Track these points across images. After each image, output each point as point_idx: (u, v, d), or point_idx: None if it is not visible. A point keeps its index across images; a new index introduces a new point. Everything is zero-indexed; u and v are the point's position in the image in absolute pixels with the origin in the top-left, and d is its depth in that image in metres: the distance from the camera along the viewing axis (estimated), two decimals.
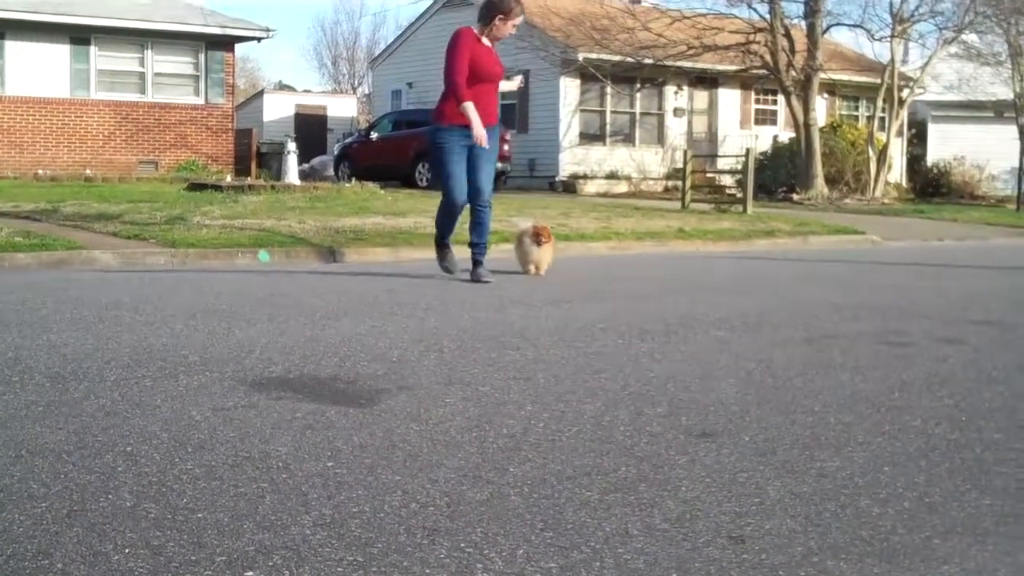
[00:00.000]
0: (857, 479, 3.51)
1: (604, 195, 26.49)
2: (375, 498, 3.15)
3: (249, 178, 23.42)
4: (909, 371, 5.44)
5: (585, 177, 28.49)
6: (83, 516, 2.92)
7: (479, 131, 8.44)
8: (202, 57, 26.65)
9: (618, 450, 3.72)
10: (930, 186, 32.85)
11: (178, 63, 26.61)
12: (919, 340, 6.46)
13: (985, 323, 7.06)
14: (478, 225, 8.88)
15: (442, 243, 9.09)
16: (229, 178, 22.13)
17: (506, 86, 9.27)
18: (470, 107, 8.46)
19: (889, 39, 28.95)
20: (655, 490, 3.32)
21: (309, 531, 2.87)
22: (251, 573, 2.57)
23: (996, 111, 33.86)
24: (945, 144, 34.56)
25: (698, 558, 2.78)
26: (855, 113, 34.61)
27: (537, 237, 9.21)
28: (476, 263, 8.88)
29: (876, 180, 28.52)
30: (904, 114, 30.69)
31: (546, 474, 3.41)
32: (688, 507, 3.18)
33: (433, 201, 18.43)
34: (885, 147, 28.88)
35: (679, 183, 22.74)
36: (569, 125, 29.05)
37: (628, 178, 29.25)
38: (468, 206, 8.84)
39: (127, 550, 2.69)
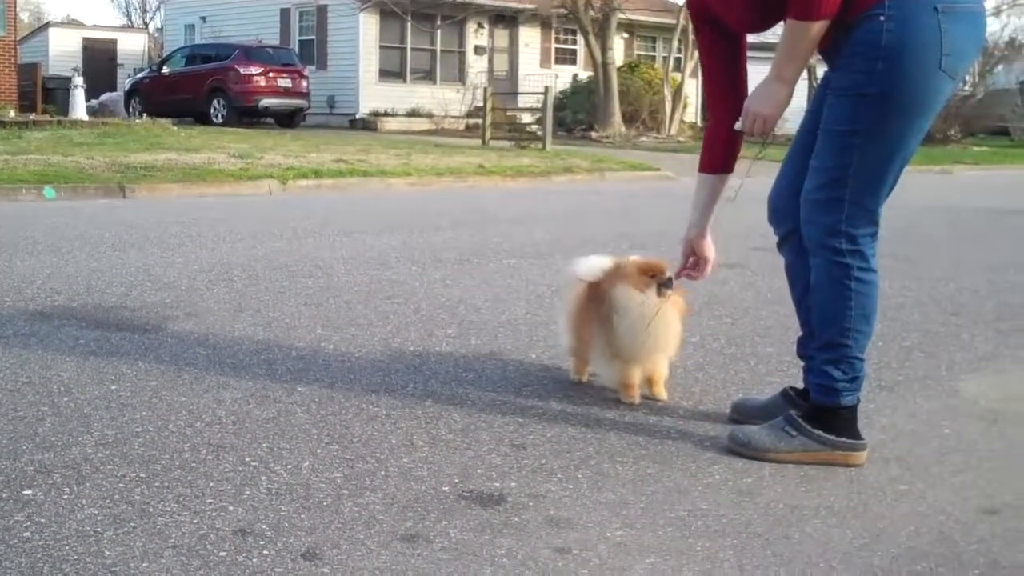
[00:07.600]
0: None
1: (405, 133, 26.35)
2: (159, 418, 3.13)
3: (34, 114, 22.44)
4: (690, 292, 5.64)
5: (386, 115, 28.29)
6: None
7: None
8: None
9: (407, 369, 3.78)
10: None
11: None
12: None
13: (763, 249, 7.33)
14: None
15: None
16: (13, 113, 21.14)
17: None
18: None
19: None
20: (441, 404, 3.39)
21: (91, 450, 2.83)
22: (30, 491, 2.53)
23: None
24: None
25: (480, 464, 2.87)
26: (652, 53, 35.28)
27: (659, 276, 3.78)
28: None
29: (671, 119, 29.18)
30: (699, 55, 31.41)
31: (334, 392, 3.44)
32: (473, 419, 3.26)
33: (228, 137, 17.89)
34: (680, 87, 29.53)
35: (480, 121, 22.83)
36: (369, 62, 28.75)
37: (430, 116, 29.18)
38: None
39: None
